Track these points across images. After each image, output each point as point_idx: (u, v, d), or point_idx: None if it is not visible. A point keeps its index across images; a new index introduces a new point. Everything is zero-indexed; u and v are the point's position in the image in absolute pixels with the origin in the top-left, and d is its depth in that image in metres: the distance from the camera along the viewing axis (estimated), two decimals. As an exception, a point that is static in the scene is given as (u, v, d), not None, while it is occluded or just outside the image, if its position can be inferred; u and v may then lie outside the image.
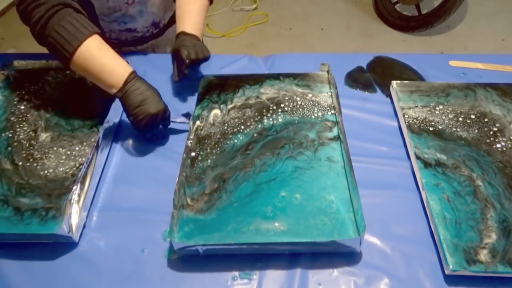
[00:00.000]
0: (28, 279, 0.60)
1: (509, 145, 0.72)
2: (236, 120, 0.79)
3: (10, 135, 0.77)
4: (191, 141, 0.74)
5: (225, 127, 0.77)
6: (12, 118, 0.80)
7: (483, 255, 0.57)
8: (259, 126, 0.78)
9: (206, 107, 0.81)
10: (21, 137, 0.76)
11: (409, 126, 0.76)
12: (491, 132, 0.75)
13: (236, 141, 0.75)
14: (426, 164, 0.69)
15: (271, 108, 0.81)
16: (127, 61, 0.75)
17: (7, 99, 0.84)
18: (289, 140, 0.74)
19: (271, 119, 0.79)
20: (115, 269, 0.60)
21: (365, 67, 0.94)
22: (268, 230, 0.61)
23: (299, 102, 0.82)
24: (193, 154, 0.73)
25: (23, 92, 0.85)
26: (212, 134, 0.76)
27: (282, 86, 0.86)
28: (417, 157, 0.70)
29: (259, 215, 0.63)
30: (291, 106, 0.81)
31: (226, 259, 0.61)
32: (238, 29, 2.12)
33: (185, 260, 0.61)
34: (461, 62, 0.94)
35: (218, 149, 0.74)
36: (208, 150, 0.74)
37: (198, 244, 0.58)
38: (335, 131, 0.76)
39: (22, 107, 0.82)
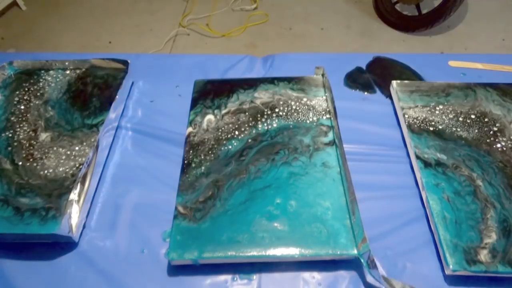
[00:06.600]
0: (28, 279, 0.60)
1: (509, 145, 0.72)
2: (230, 125, 0.77)
3: (10, 135, 0.76)
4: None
5: (219, 133, 0.76)
6: (12, 118, 0.80)
7: (483, 255, 0.57)
8: (254, 132, 0.76)
9: (200, 112, 0.80)
10: (21, 137, 0.76)
11: (409, 126, 0.76)
12: (491, 132, 0.75)
13: (230, 147, 0.73)
14: (426, 164, 0.69)
15: (265, 113, 0.79)
16: None
17: (7, 99, 0.84)
18: (284, 146, 0.73)
19: (265, 124, 0.77)
20: (115, 269, 0.60)
21: (364, 67, 0.94)
22: (263, 238, 0.60)
23: (293, 107, 0.80)
24: (186, 161, 0.72)
25: (23, 92, 0.85)
26: (206, 140, 0.75)
27: (276, 90, 0.84)
28: (417, 157, 0.70)
29: (254, 223, 0.62)
30: (285, 110, 0.80)
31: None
32: (238, 29, 2.12)
33: (185, 260, 0.61)
34: (461, 62, 0.94)
35: (212, 155, 0.72)
36: (202, 157, 0.72)
37: (193, 259, 0.58)
38: (330, 136, 0.74)
39: (22, 107, 0.82)
